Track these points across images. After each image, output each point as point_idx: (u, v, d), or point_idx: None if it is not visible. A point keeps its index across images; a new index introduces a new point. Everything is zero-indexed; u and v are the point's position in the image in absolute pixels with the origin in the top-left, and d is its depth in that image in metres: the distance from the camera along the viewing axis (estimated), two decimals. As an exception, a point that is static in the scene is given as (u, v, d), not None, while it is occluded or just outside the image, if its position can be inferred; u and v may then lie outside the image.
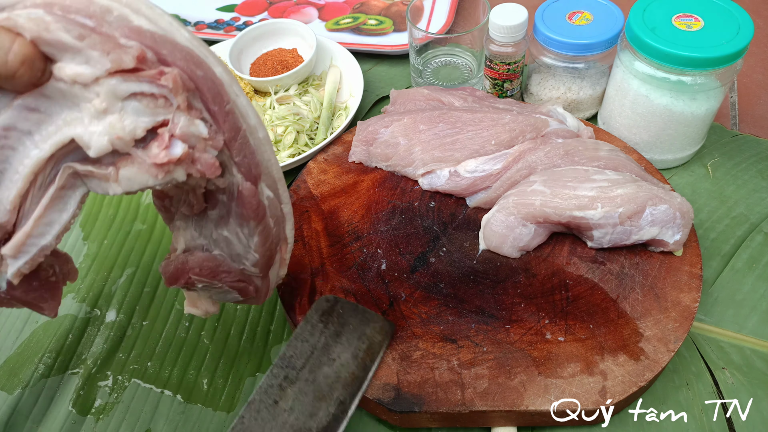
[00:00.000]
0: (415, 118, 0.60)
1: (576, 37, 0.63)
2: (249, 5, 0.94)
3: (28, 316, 0.60)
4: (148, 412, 0.52)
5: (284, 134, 0.68)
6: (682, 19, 0.56)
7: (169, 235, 0.65)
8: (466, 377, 0.48)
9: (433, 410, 0.46)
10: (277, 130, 0.69)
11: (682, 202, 0.51)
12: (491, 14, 0.65)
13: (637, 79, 0.59)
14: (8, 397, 0.54)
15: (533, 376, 0.48)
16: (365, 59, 0.83)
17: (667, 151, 0.64)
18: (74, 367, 0.56)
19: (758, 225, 0.60)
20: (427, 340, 0.50)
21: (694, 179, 0.65)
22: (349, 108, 0.73)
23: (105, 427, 0.52)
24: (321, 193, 0.62)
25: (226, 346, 0.56)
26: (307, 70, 0.75)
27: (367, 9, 0.90)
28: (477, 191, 0.58)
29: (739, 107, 0.74)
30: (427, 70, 0.76)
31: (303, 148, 0.68)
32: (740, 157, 0.67)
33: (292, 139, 0.68)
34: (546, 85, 0.69)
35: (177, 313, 0.59)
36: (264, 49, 0.80)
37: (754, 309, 0.55)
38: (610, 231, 0.51)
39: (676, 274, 0.52)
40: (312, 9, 0.92)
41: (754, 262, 0.58)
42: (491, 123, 0.59)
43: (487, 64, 0.70)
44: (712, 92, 0.57)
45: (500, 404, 0.46)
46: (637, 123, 0.62)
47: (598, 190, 0.51)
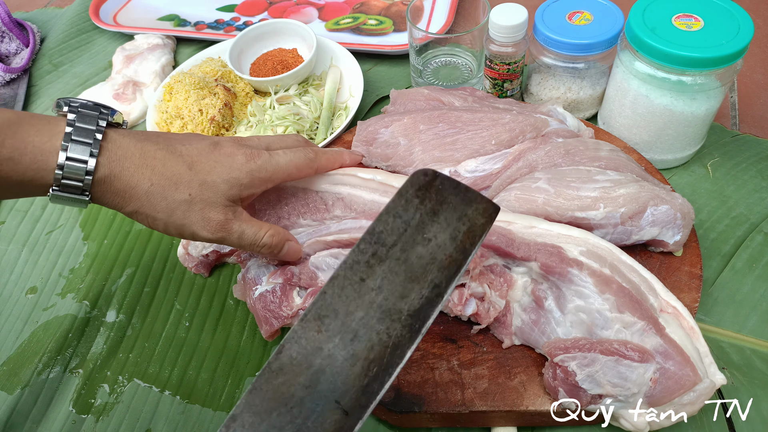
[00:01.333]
0: (415, 118, 0.60)
1: (576, 37, 0.63)
2: (249, 5, 0.94)
3: (28, 316, 0.60)
4: (148, 412, 0.52)
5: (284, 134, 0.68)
6: (682, 19, 0.56)
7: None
8: (466, 377, 0.48)
9: (433, 410, 0.46)
10: (277, 130, 0.69)
11: (684, 203, 0.51)
12: (491, 14, 0.65)
13: (637, 79, 0.59)
14: (8, 397, 0.54)
15: (533, 376, 0.48)
16: (365, 59, 0.83)
17: (667, 151, 0.64)
18: (74, 367, 0.56)
19: (758, 225, 0.60)
20: (427, 340, 0.50)
21: (694, 179, 0.65)
22: (349, 108, 0.73)
23: (105, 427, 0.52)
24: (321, 193, 0.62)
25: (226, 346, 0.56)
26: (307, 70, 0.75)
27: (367, 9, 0.90)
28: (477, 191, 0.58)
29: (739, 107, 0.74)
30: (427, 70, 0.76)
31: (303, 148, 0.68)
32: (740, 157, 0.67)
33: (292, 139, 0.68)
34: (546, 85, 0.69)
35: (177, 313, 0.59)
36: (264, 49, 0.80)
37: (754, 309, 0.55)
38: (611, 231, 0.51)
39: (676, 274, 0.52)
40: (312, 9, 0.92)
41: (754, 262, 0.58)
42: (491, 123, 0.59)
43: (487, 64, 0.70)
44: (712, 92, 0.57)
45: (500, 404, 0.46)
46: (637, 123, 0.62)
47: (601, 191, 0.51)
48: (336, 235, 0.50)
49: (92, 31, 0.94)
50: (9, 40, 0.89)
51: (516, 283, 0.49)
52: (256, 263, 0.52)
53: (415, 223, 0.39)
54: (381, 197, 0.52)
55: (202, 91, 0.70)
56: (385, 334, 0.35)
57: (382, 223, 0.39)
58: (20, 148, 0.39)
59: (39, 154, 0.39)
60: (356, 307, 0.36)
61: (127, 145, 0.43)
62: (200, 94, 0.69)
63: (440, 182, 0.41)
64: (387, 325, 0.35)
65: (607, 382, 0.43)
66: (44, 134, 0.40)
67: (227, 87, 0.72)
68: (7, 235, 0.68)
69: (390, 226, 0.39)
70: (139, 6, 0.96)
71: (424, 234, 0.39)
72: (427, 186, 0.40)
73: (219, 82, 0.73)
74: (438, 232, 0.39)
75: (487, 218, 0.40)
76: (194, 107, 0.69)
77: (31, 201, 0.71)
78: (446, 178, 0.41)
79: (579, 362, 0.43)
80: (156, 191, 0.43)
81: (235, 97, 0.73)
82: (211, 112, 0.69)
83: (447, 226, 0.39)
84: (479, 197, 0.41)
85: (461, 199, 0.40)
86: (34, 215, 0.69)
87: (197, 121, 0.69)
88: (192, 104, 0.69)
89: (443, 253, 0.38)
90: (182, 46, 0.90)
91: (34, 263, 0.65)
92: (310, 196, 0.53)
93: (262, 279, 0.51)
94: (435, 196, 0.40)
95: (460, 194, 0.40)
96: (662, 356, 0.43)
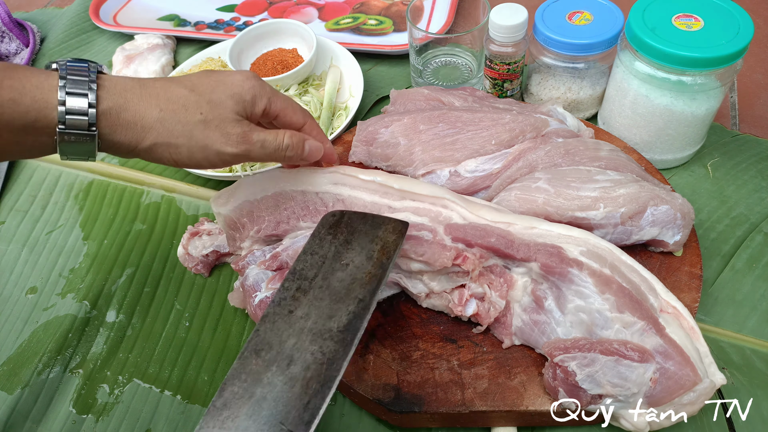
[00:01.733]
0: (415, 118, 0.60)
1: (576, 37, 0.63)
2: (249, 5, 0.94)
3: (28, 316, 0.60)
4: (148, 412, 0.52)
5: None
6: (682, 19, 0.56)
7: (169, 235, 0.65)
8: (466, 377, 0.48)
9: (433, 410, 0.46)
10: (277, 130, 0.69)
11: (684, 203, 0.51)
12: (491, 14, 0.65)
13: (637, 79, 0.59)
14: (8, 397, 0.54)
15: (533, 376, 0.48)
16: (365, 59, 0.83)
17: (667, 151, 0.64)
18: (74, 367, 0.56)
19: (758, 225, 0.60)
20: (427, 340, 0.50)
21: (694, 179, 0.65)
22: (349, 108, 0.73)
23: (105, 426, 0.52)
24: (321, 193, 0.62)
25: (226, 346, 0.56)
26: (307, 70, 0.75)
27: (367, 9, 0.90)
28: (477, 191, 0.58)
29: (739, 107, 0.74)
30: (427, 70, 0.76)
31: (303, 148, 0.68)
32: (740, 157, 0.67)
33: (292, 139, 0.68)
34: (546, 85, 0.69)
35: (177, 313, 0.59)
36: (264, 49, 0.80)
37: (754, 309, 0.55)
38: (611, 231, 0.51)
39: (676, 274, 0.52)
40: (312, 9, 0.92)
41: (754, 262, 0.58)
42: (491, 123, 0.59)
43: (487, 64, 0.70)
44: (712, 92, 0.57)
45: (500, 404, 0.46)
46: (637, 123, 0.62)
47: (601, 191, 0.51)
48: None
49: (92, 31, 0.94)
50: (9, 40, 0.89)
51: (516, 283, 0.49)
52: (255, 270, 0.52)
53: (331, 255, 0.44)
54: (381, 199, 0.52)
55: (202, 91, 0.70)
56: (319, 352, 0.38)
57: (301, 262, 0.44)
58: (19, 89, 0.39)
59: (39, 92, 0.39)
60: (288, 336, 0.40)
61: (124, 81, 0.43)
62: (200, 94, 0.69)
63: (348, 217, 0.47)
64: (320, 345, 0.39)
65: (607, 382, 0.43)
66: (41, 76, 0.40)
67: (227, 87, 0.72)
68: (7, 235, 0.68)
69: (309, 263, 0.44)
70: (139, 6, 0.96)
71: (342, 261, 0.44)
72: (336, 223, 0.47)
73: (219, 82, 0.73)
74: (354, 256, 0.44)
75: (398, 234, 0.46)
76: (194, 107, 0.69)
77: (31, 201, 0.71)
78: (352, 212, 0.48)
79: (579, 362, 0.43)
80: (168, 116, 0.43)
81: (235, 97, 0.73)
82: (211, 112, 0.69)
83: (362, 250, 0.44)
84: (386, 219, 0.47)
85: (370, 225, 0.46)
86: (34, 215, 0.69)
87: (197, 121, 0.69)
88: (192, 104, 0.69)
89: (362, 272, 0.43)
90: (182, 46, 0.90)
91: (34, 263, 0.65)
92: (310, 198, 0.53)
93: (261, 285, 0.51)
94: (345, 229, 0.46)
95: (368, 221, 0.47)
96: (662, 356, 0.43)
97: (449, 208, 0.51)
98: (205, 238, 0.60)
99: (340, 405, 0.52)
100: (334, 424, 0.50)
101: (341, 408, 0.51)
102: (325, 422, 0.51)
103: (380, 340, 0.51)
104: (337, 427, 0.50)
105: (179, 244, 0.61)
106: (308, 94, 0.74)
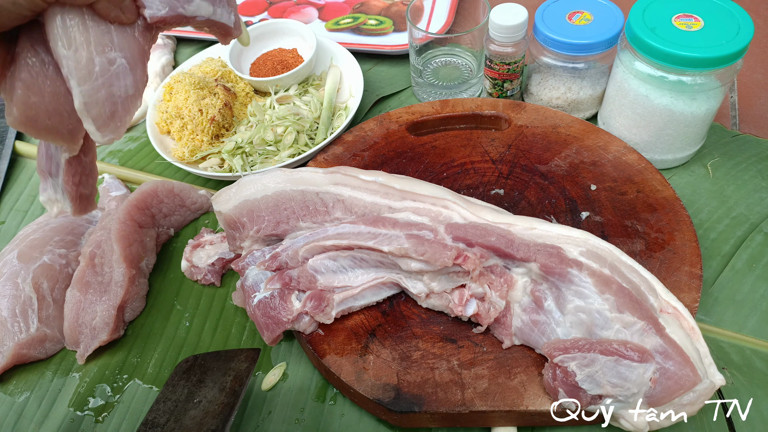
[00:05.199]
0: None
1: (576, 37, 0.63)
2: (249, 5, 0.94)
3: (28, 316, 0.60)
4: (148, 412, 0.52)
5: (284, 134, 0.68)
6: (682, 19, 0.56)
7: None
8: (466, 377, 0.48)
9: (433, 410, 0.46)
10: (277, 130, 0.69)
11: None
12: (491, 14, 0.65)
13: (637, 79, 0.59)
14: (10, 399, 0.54)
15: (533, 376, 0.48)
16: (365, 59, 0.83)
17: (667, 151, 0.63)
18: (74, 367, 0.56)
19: (758, 225, 0.60)
20: (427, 340, 0.50)
21: (694, 179, 0.65)
22: (349, 108, 0.73)
23: (105, 426, 0.52)
24: (321, 193, 0.62)
25: (225, 346, 0.56)
26: (307, 70, 0.75)
27: (367, 9, 0.90)
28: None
29: (739, 107, 0.74)
30: (427, 70, 0.76)
31: (303, 148, 0.68)
32: (740, 157, 0.67)
33: (292, 139, 0.68)
34: (546, 85, 0.69)
35: (177, 313, 0.59)
36: (264, 49, 0.80)
37: (754, 309, 0.55)
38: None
39: (676, 274, 0.52)
40: (312, 9, 0.92)
41: (754, 262, 0.58)
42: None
43: (487, 64, 0.70)
44: (712, 92, 0.57)
45: (500, 404, 0.46)
46: (637, 123, 0.62)
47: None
48: (334, 240, 0.50)
49: (92, 31, 0.94)
50: (9, 40, 0.89)
51: (516, 283, 0.49)
52: (254, 270, 0.52)
53: (183, 398, 0.45)
54: (382, 199, 0.52)
55: (202, 91, 0.70)
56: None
57: (153, 412, 0.44)
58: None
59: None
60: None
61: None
62: (200, 94, 0.69)
63: (201, 359, 0.48)
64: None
65: (606, 382, 0.43)
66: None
67: (227, 87, 0.72)
68: (7, 235, 0.67)
69: (161, 411, 0.44)
70: (139, 6, 0.96)
71: (194, 400, 0.44)
72: (189, 368, 0.48)
73: (219, 82, 0.73)
74: (206, 393, 0.45)
75: (250, 361, 0.47)
76: (194, 107, 0.69)
77: (31, 201, 0.71)
78: (206, 354, 0.49)
79: (579, 362, 0.43)
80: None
81: (235, 97, 0.73)
82: (211, 112, 0.69)
83: (214, 385, 0.45)
84: (239, 351, 0.48)
85: (222, 360, 0.48)
86: (34, 215, 0.69)
87: (197, 121, 0.69)
88: (192, 104, 0.69)
89: (215, 405, 0.43)
90: (182, 46, 0.90)
91: (34, 263, 0.65)
92: (310, 198, 0.53)
93: (260, 286, 0.51)
94: (199, 371, 0.47)
95: (221, 358, 0.48)
96: (662, 356, 0.43)
97: (450, 209, 0.51)
98: (208, 248, 0.60)
99: (340, 405, 0.52)
100: (334, 424, 0.50)
101: (341, 408, 0.51)
102: (326, 422, 0.51)
103: (380, 340, 0.51)
104: (337, 427, 0.50)
105: (182, 258, 0.60)
106: (308, 94, 0.74)
